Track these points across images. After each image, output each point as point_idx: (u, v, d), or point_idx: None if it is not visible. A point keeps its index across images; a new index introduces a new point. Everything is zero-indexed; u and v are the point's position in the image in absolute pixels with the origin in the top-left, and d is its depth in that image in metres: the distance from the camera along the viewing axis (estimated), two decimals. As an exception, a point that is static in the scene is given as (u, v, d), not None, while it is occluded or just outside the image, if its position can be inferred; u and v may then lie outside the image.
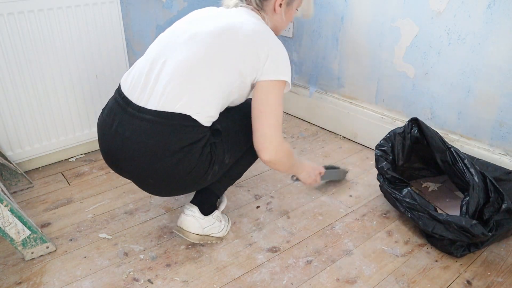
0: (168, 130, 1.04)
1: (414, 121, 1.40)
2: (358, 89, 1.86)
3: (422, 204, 1.27)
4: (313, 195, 1.53)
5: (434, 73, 1.56)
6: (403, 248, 1.28)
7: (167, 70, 1.06)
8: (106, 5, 1.53)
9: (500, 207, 1.17)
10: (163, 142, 1.04)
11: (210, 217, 1.25)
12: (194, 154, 1.06)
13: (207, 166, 1.09)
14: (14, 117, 1.49)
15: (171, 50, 1.09)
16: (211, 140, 1.09)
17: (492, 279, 1.17)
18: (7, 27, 1.36)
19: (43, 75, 1.49)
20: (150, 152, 1.04)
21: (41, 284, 1.13)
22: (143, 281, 1.14)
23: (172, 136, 1.04)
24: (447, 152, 1.30)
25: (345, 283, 1.15)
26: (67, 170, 1.67)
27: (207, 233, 1.25)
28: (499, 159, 1.45)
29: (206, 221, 1.23)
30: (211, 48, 1.07)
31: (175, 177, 1.08)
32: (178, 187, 1.14)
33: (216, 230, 1.27)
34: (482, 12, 1.37)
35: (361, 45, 1.77)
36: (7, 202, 1.11)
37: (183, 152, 1.04)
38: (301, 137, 1.98)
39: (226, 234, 1.32)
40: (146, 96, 1.06)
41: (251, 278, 1.16)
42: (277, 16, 1.22)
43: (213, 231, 1.26)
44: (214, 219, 1.26)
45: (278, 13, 1.21)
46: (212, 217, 1.25)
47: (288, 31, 2.06)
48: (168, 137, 1.03)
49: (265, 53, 1.09)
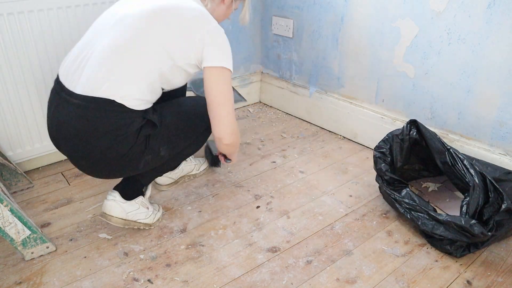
0: (94, 115, 1.06)
1: (412, 123, 1.40)
2: (358, 89, 1.86)
3: (421, 204, 1.27)
4: (313, 195, 1.53)
5: (434, 73, 1.56)
6: (403, 248, 1.28)
7: (94, 54, 1.08)
8: (106, 5, 1.53)
9: (500, 207, 1.17)
10: (90, 126, 1.07)
11: (133, 202, 1.28)
12: (125, 140, 1.09)
13: (139, 154, 1.13)
14: (15, 117, 1.49)
15: (101, 34, 1.11)
16: (147, 131, 1.12)
17: (492, 279, 1.17)
18: (7, 27, 1.36)
19: (44, 74, 1.49)
20: (79, 136, 1.08)
21: (41, 284, 1.13)
22: (143, 281, 1.14)
23: (99, 120, 1.06)
24: (447, 153, 1.30)
25: (345, 283, 1.15)
26: (67, 170, 1.67)
27: (132, 219, 1.28)
28: (499, 159, 1.45)
29: (128, 205, 1.27)
30: (137, 30, 1.08)
31: (106, 161, 1.11)
32: (110, 171, 1.17)
33: (143, 216, 1.30)
34: (482, 12, 1.37)
35: (361, 45, 1.77)
36: (7, 202, 1.11)
37: (112, 136, 1.07)
38: (301, 137, 1.98)
39: (156, 221, 1.35)
40: (76, 80, 1.09)
41: (251, 278, 1.16)
42: (223, 7, 1.26)
43: (139, 217, 1.30)
44: (139, 205, 1.29)
45: (225, 4, 1.25)
46: (135, 202, 1.28)
47: (288, 31, 2.06)
48: (95, 122, 1.06)
49: (201, 37, 1.10)
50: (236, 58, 2.19)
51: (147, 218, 1.32)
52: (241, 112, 2.25)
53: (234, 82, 2.20)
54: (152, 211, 1.35)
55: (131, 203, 1.28)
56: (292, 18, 2.03)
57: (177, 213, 1.42)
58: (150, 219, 1.33)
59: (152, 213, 1.34)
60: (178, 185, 1.57)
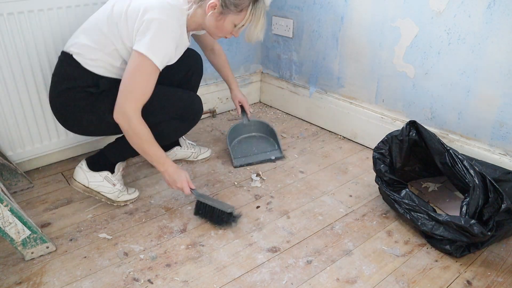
0: (59, 65, 1.29)
1: (412, 124, 1.40)
2: (358, 89, 1.86)
3: (421, 205, 1.27)
4: (313, 195, 1.53)
5: (434, 73, 1.56)
6: (403, 248, 1.28)
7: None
8: (106, 5, 1.53)
9: (500, 207, 1.17)
10: (55, 75, 1.30)
11: (96, 174, 1.39)
12: (70, 91, 1.27)
13: (82, 110, 1.28)
14: (15, 117, 1.49)
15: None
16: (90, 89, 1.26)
17: (492, 279, 1.17)
18: (7, 27, 1.36)
19: (44, 74, 1.49)
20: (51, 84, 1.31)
21: (41, 284, 1.13)
22: (143, 281, 1.14)
23: (59, 70, 1.29)
24: (446, 154, 1.30)
25: (345, 283, 1.15)
26: (67, 170, 1.67)
27: (95, 189, 1.40)
28: (499, 159, 1.45)
29: (91, 175, 1.39)
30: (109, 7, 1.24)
31: (57, 108, 1.31)
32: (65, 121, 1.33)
33: (106, 190, 1.41)
34: (482, 12, 1.37)
35: (361, 45, 1.77)
36: (7, 202, 1.11)
37: (61, 84, 1.27)
38: (301, 137, 1.98)
39: (122, 201, 1.44)
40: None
41: (251, 278, 1.16)
42: (208, 17, 1.27)
43: (102, 190, 1.41)
44: (102, 178, 1.40)
45: (208, 15, 1.26)
46: (99, 175, 1.40)
47: (288, 31, 2.06)
48: (58, 71, 1.29)
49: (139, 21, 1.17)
50: (236, 58, 2.19)
51: (111, 193, 1.42)
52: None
53: (234, 82, 2.21)
54: (119, 190, 1.43)
55: (94, 174, 1.39)
56: (292, 18, 2.03)
57: (177, 213, 1.42)
58: (113, 195, 1.43)
59: (117, 191, 1.43)
60: (178, 185, 1.58)
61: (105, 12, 1.25)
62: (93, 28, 1.25)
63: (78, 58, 1.25)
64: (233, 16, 1.26)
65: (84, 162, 1.41)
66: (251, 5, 1.26)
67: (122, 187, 1.45)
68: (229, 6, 1.24)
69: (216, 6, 1.24)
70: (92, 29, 1.25)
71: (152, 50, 1.17)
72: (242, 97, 1.77)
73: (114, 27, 1.22)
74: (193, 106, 1.41)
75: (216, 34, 1.33)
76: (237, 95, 1.76)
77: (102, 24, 1.24)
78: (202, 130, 2.04)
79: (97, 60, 1.25)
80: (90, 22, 1.28)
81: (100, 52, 1.25)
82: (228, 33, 1.32)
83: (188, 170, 1.69)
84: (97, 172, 1.40)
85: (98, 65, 1.26)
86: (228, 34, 1.33)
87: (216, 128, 2.06)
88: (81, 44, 1.25)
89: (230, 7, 1.24)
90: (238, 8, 1.25)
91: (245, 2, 1.24)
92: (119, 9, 1.21)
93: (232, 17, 1.26)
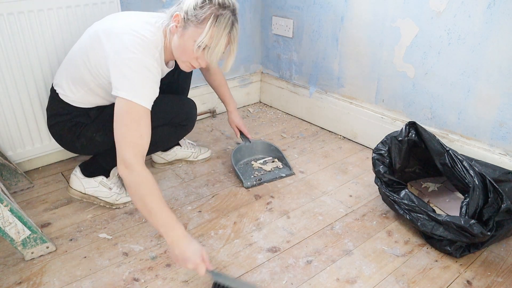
0: (50, 101, 1.34)
1: (411, 125, 1.40)
2: (358, 89, 1.86)
3: (421, 205, 1.27)
4: (313, 195, 1.53)
5: (434, 73, 1.56)
6: (403, 248, 1.28)
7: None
8: (106, 5, 1.53)
9: (500, 207, 1.17)
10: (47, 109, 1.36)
11: (91, 180, 1.41)
12: (60, 124, 1.32)
13: (73, 137, 1.33)
14: (15, 117, 1.49)
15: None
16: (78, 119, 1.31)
17: (492, 279, 1.17)
18: (7, 27, 1.36)
19: (44, 74, 1.49)
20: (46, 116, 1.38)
21: (41, 284, 1.13)
22: (143, 281, 1.14)
23: (51, 105, 1.34)
24: (446, 155, 1.30)
25: (345, 283, 1.15)
26: (67, 170, 1.67)
27: (92, 194, 1.42)
28: (499, 159, 1.45)
29: (87, 181, 1.40)
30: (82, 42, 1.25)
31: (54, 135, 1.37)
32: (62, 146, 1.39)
33: (103, 195, 1.42)
34: (482, 12, 1.37)
35: (361, 45, 1.77)
36: (7, 202, 1.11)
37: (53, 119, 1.33)
38: (301, 137, 1.98)
39: (121, 203, 1.45)
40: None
41: (251, 278, 1.16)
42: (174, 38, 1.18)
43: (100, 195, 1.42)
44: (98, 183, 1.41)
45: (173, 33, 1.18)
46: (94, 180, 1.41)
47: (288, 31, 2.06)
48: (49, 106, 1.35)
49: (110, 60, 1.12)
50: (236, 58, 2.17)
51: (108, 198, 1.43)
52: (241, 112, 2.25)
53: (234, 82, 2.21)
54: (117, 193, 1.44)
55: (89, 180, 1.41)
56: (292, 18, 2.03)
57: (177, 213, 1.42)
58: (111, 199, 1.43)
59: (115, 195, 1.43)
60: (178, 185, 1.58)
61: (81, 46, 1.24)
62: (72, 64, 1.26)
63: (65, 98, 1.29)
64: (193, 29, 1.12)
65: (78, 168, 1.42)
66: (213, 17, 1.10)
67: (119, 189, 1.45)
68: (190, 17, 1.12)
69: (178, 19, 1.14)
70: (72, 65, 1.26)
71: (136, 94, 1.07)
72: (239, 121, 1.69)
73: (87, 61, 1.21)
74: (184, 110, 1.38)
75: (180, 58, 1.20)
76: (234, 120, 1.69)
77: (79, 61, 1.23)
78: (202, 130, 2.04)
79: (82, 97, 1.29)
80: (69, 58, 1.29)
81: (82, 90, 1.27)
82: (192, 56, 1.16)
83: (188, 170, 1.69)
84: (91, 178, 1.41)
85: (84, 101, 1.30)
86: (192, 59, 1.17)
87: (216, 128, 2.06)
88: (64, 85, 1.29)
89: (192, 18, 1.12)
90: (199, 19, 1.11)
91: (206, 12, 1.11)
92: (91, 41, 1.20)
93: (192, 31, 1.13)
